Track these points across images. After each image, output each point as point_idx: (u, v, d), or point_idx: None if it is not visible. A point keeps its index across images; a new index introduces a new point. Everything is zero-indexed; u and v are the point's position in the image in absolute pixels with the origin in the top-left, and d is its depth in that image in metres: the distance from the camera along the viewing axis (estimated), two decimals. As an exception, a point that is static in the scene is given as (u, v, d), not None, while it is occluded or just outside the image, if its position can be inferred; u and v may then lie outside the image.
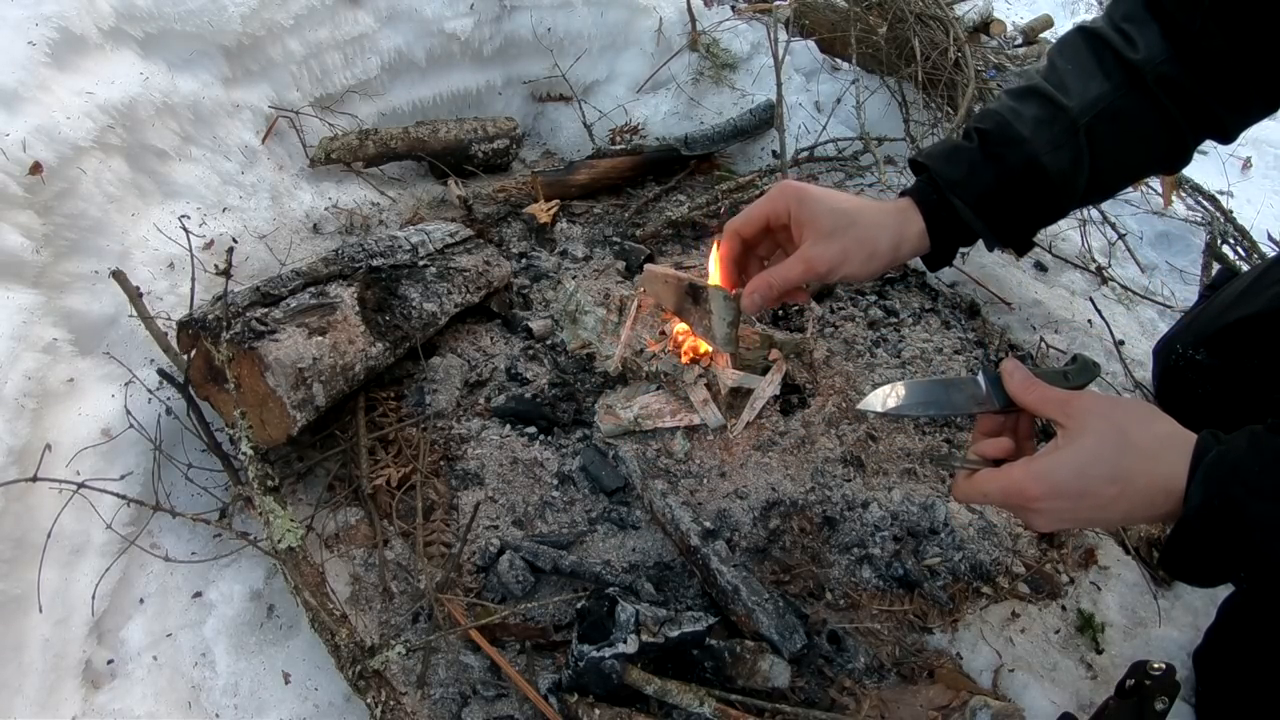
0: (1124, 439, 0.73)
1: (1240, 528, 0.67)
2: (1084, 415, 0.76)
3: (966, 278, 2.05)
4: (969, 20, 3.44)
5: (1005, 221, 0.94)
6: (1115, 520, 0.77)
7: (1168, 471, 0.71)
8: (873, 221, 0.90)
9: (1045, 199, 0.93)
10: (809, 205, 0.89)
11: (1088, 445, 0.74)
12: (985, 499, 0.81)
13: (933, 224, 0.93)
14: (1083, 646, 1.34)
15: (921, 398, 0.88)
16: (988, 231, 0.94)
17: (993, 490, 0.79)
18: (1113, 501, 0.73)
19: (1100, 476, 0.73)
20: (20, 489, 1.11)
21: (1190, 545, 0.71)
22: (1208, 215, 2.40)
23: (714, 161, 2.56)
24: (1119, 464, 0.73)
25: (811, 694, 1.23)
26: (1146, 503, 0.72)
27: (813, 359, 1.78)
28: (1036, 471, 0.76)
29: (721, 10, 2.91)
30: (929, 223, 0.93)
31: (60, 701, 1.09)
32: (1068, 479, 0.74)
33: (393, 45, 2.38)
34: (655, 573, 1.36)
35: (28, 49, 1.48)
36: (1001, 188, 0.91)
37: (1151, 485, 0.72)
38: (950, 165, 0.93)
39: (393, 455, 1.49)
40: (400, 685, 1.17)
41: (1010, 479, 0.77)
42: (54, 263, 1.42)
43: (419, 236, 1.71)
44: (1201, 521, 0.69)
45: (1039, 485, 0.75)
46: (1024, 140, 0.91)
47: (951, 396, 0.87)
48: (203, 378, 1.31)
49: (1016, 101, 0.93)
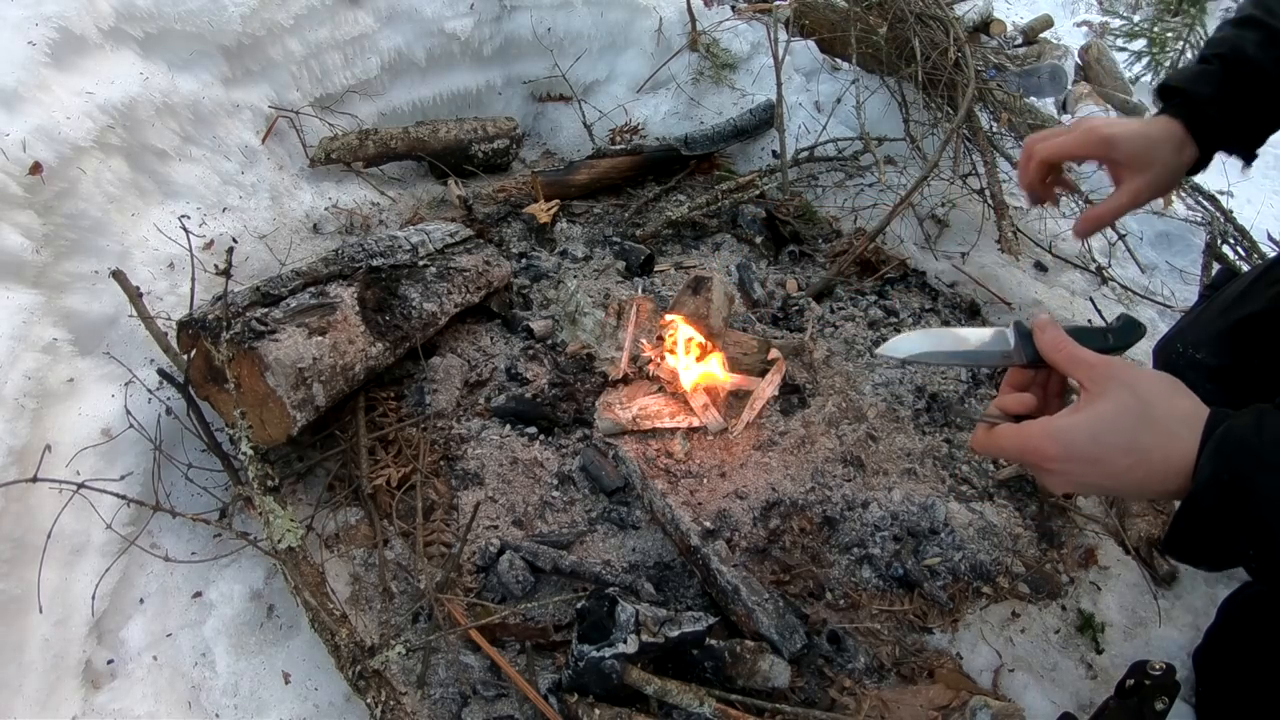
0: (1145, 412, 0.73)
1: (1248, 501, 0.67)
2: (1107, 382, 0.76)
3: (966, 278, 2.05)
4: (969, 20, 3.44)
5: (1246, 125, 1.13)
6: (1127, 491, 0.76)
7: (1184, 449, 0.71)
8: (1167, 143, 1.08)
9: (1275, 104, 1.13)
10: (1122, 147, 1.07)
11: (1107, 412, 0.74)
12: (1002, 454, 0.81)
13: (1197, 135, 1.10)
14: (1083, 646, 1.34)
15: (946, 346, 0.88)
16: (1233, 134, 1.13)
17: (1009, 446, 0.79)
18: (1126, 472, 0.73)
19: (1116, 446, 0.73)
20: (20, 489, 1.11)
21: (1198, 521, 0.71)
22: (1208, 215, 2.39)
23: (714, 161, 2.56)
24: (1137, 437, 0.73)
25: (811, 694, 1.22)
26: (1160, 478, 0.72)
27: (813, 359, 1.78)
28: (1053, 431, 0.76)
29: (721, 10, 2.91)
30: (1194, 135, 1.09)
31: (60, 701, 1.09)
32: (1083, 443, 0.74)
33: (393, 45, 2.38)
34: (655, 573, 1.36)
35: (28, 49, 1.48)
36: (1243, 99, 1.11)
37: (1166, 462, 0.72)
38: (1202, 85, 1.12)
39: (393, 455, 1.49)
40: (400, 685, 1.17)
41: (1027, 436, 0.78)
42: (54, 263, 1.42)
43: (419, 236, 1.71)
44: (1210, 495, 0.69)
45: (1054, 446, 0.75)
46: (1252, 59, 1.11)
47: (977, 346, 0.87)
48: (203, 378, 1.31)
49: (1239, 29, 1.14)
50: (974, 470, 1.60)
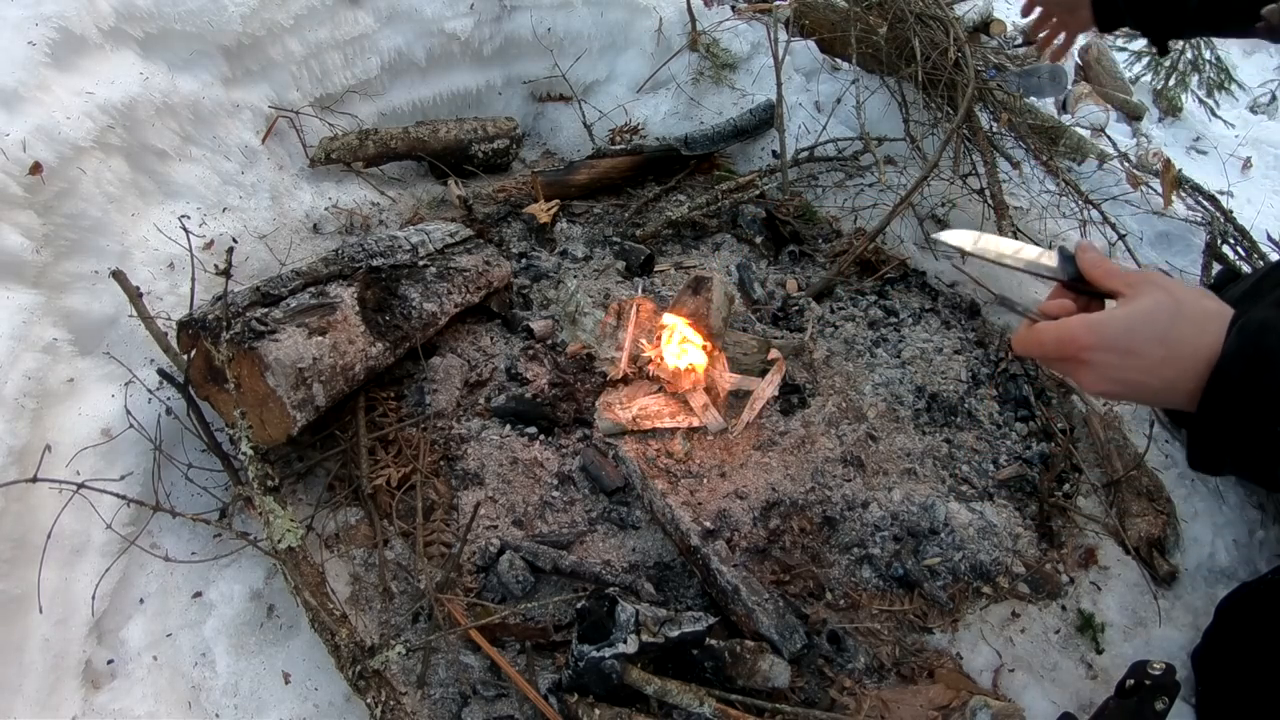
0: (1178, 308, 0.78)
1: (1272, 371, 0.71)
2: (1143, 284, 0.81)
3: (966, 278, 2.05)
4: (969, 20, 3.44)
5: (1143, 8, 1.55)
6: (1156, 390, 0.80)
7: (1210, 342, 0.76)
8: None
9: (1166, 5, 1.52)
10: None
11: (1143, 307, 0.79)
12: (1040, 348, 0.85)
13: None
14: (1083, 646, 1.34)
15: (1000, 248, 0.94)
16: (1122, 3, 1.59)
17: (1048, 339, 0.84)
18: (1158, 365, 0.78)
19: (1150, 337, 0.78)
20: (20, 489, 1.11)
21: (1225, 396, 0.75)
22: (1208, 215, 2.39)
23: (714, 161, 2.56)
24: (1170, 329, 0.77)
25: (811, 694, 1.23)
26: (1190, 372, 0.77)
27: (813, 359, 1.78)
28: (1090, 322, 0.81)
29: (721, 10, 2.90)
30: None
31: (60, 701, 1.09)
32: (1118, 333, 0.79)
33: (393, 45, 2.38)
34: (655, 573, 1.36)
35: (28, 49, 1.48)
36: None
37: (1196, 354, 0.76)
38: None
39: (393, 455, 1.49)
40: (400, 685, 1.17)
41: (1064, 326, 0.82)
42: (54, 263, 1.42)
43: (419, 236, 1.71)
44: (1237, 366, 0.73)
45: (1091, 335, 0.80)
46: None
47: (1027, 257, 0.92)
48: (203, 378, 1.31)
49: None
50: (974, 470, 1.60)
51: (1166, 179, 2.45)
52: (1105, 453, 1.60)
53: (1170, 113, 4.00)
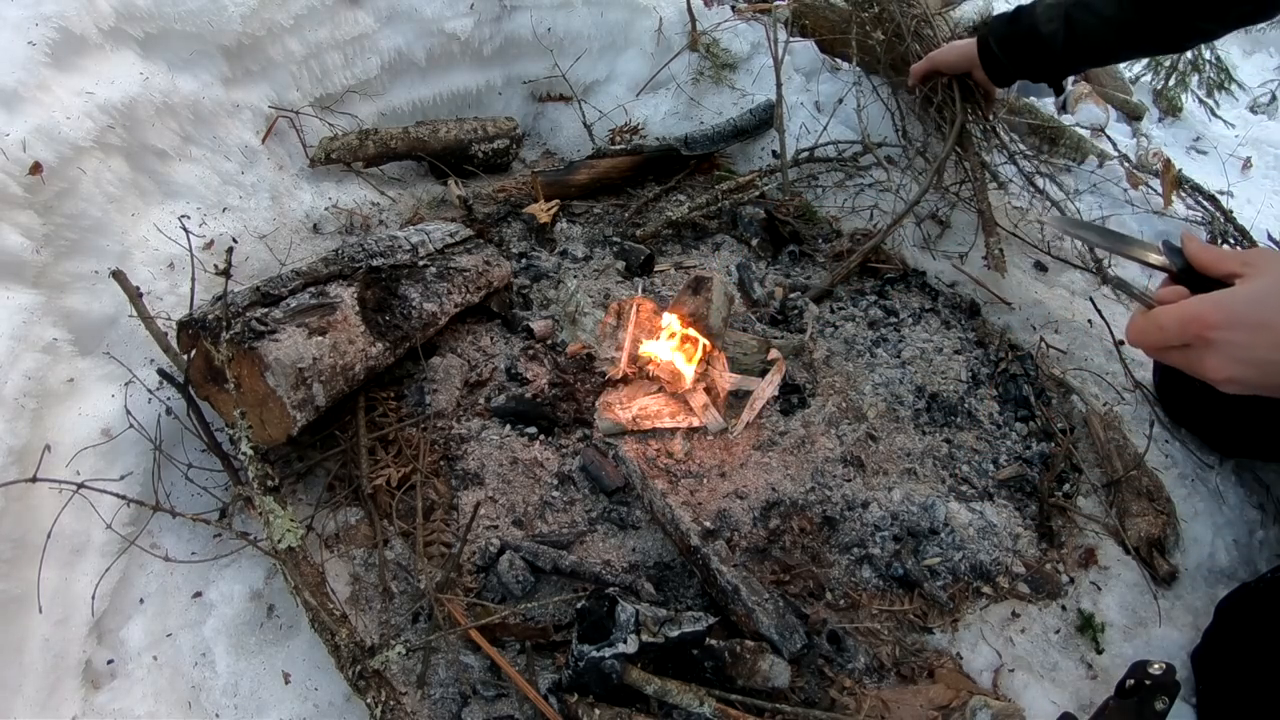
0: None
1: None
2: (1261, 259, 0.77)
3: (966, 278, 2.05)
4: (969, 20, 3.43)
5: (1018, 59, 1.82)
6: None
7: None
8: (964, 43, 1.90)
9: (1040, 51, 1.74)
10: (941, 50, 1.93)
11: (1267, 281, 0.75)
12: (1160, 333, 0.80)
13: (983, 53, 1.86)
14: (1083, 646, 1.34)
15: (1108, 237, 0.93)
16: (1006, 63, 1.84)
17: (1170, 320, 0.79)
18: None
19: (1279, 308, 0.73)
20: (20, 489, 1.11)
21: None
22: (1208, 215, 2.39)
23: (714, 161, 2.56)
24: None
25: (811, 694, 1.23)
26: None
27: (813, 359, 1.78)
28: (1215, 298, 0.76)
29: (721, 10, 2.90)
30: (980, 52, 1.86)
31: (60, 701, 1.09)
32: (1246, 308, 0.74)
33: (393, 45, 2.38)
34: (655, 573, 1.36)
35: (28, 49, 1.48)
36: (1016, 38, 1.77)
37: None
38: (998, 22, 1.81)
39: (393, 455, 1.49)
40: (400, 685, 1.17)
41: (1188, 305, 0.78)
42: (54, 263, 1.42)
43: (419, 236, 1.71)
44: None
45: (1217, 312, 0.75)
46: (1034, 13, 1.72)
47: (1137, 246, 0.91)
48: (203, 378, 1.31)
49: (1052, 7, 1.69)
50: (974, 470, 1.60)
51: (1166, 179, 2.45)
52: (1105, 453, 1.60)
53: (1170, 113, 4.00)
